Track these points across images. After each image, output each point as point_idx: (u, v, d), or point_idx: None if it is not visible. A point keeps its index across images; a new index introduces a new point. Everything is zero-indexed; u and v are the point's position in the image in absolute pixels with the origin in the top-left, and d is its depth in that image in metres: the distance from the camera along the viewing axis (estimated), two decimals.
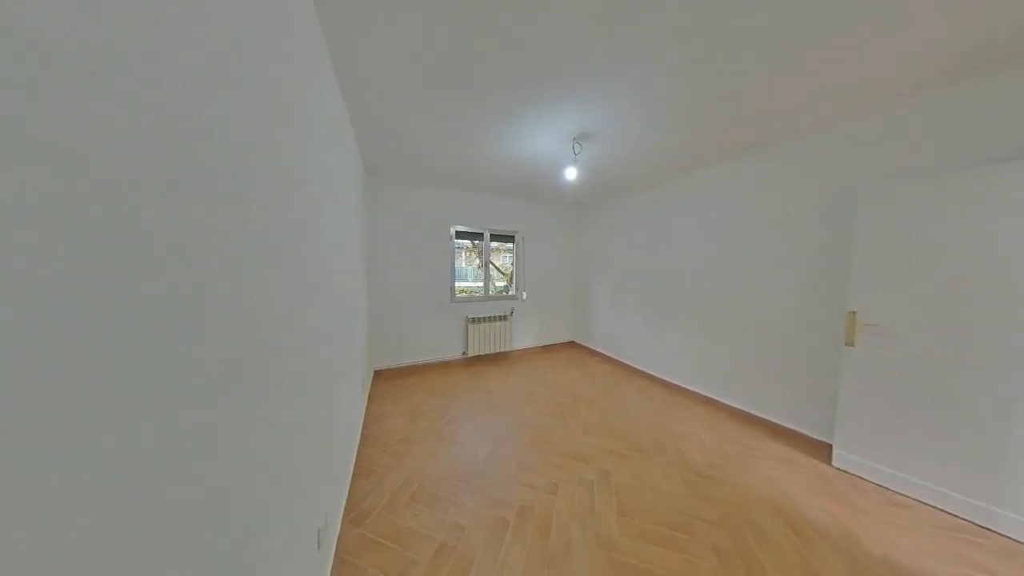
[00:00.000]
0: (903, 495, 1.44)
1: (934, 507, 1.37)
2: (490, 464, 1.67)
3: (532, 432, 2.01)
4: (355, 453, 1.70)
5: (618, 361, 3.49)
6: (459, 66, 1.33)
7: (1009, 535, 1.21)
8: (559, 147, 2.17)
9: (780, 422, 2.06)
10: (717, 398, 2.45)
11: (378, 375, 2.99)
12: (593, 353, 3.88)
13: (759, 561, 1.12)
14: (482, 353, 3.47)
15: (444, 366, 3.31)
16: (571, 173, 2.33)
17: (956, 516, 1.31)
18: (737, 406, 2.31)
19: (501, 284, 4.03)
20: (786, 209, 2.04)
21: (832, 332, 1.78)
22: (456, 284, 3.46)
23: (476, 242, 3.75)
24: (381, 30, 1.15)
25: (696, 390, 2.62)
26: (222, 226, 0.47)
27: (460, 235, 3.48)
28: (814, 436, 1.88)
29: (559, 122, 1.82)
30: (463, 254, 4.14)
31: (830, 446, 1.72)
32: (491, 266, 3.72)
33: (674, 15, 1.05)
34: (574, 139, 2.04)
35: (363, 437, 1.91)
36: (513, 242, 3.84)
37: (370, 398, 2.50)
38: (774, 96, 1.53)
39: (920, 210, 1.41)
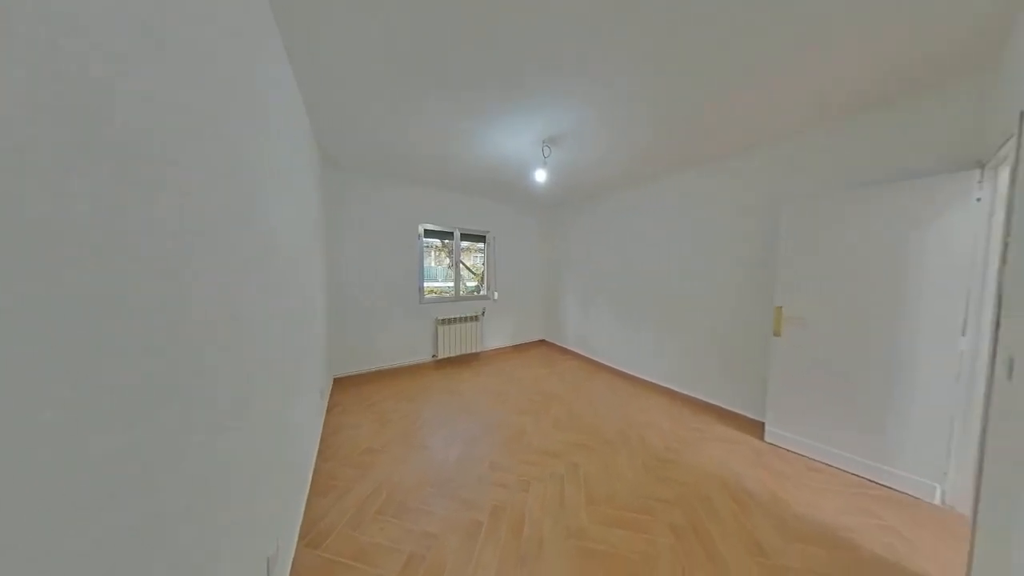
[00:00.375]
0: (819, 461, 1.70)
1: (841, 469, 1.63)
2: (462, 467, 1.64)
3: (504, 431, 2.01)
4: (312, 469, 1.57)
5: (586, 358, 3.64)
6: (427, 61, 1.30)
7: (891, 486, 1.49)
8: (529, 149, 2.21)
9: (725, 406, 2.31)
10: (674, 388, 2.68)
11: (339, 383, 2.79)
12: (563, 351, 4.00)
13: (708, 531, 1.24)
14: (453, 355, 3.41)
15: (413, 370, 3.19)
16: (540, 175, 2.39)
17: (856, 475, 1.58)
18: (691, 394, 2.55)
19: (472, 284, 3.99)
20: (730, 217, 2.30)
21: (765, 325, 2.05)
22: (425, 284, 3.35)
23: (446, 241, 3.67)
24: (339, 14, 1.08)
25: (656, 382, 2.83)
26: (142, 217, 0.41)
27: (429, 234, 3.38)
28: (751, 416, 2.14)
29: (529, 124, 1.86)
30: (432, 253, 4.02)
31: (763, 424, 1.97)
32: (462, 266, 3.66)
33: (638, 32, 1.13)
34: (543, 142, 2.10)
35: (322, 451, 1.77)
36: (484, 242, 3.83)
37: (330, 407, 2.32)
38: (722, 115, 1.72)
39: (827, 221, 1.68)
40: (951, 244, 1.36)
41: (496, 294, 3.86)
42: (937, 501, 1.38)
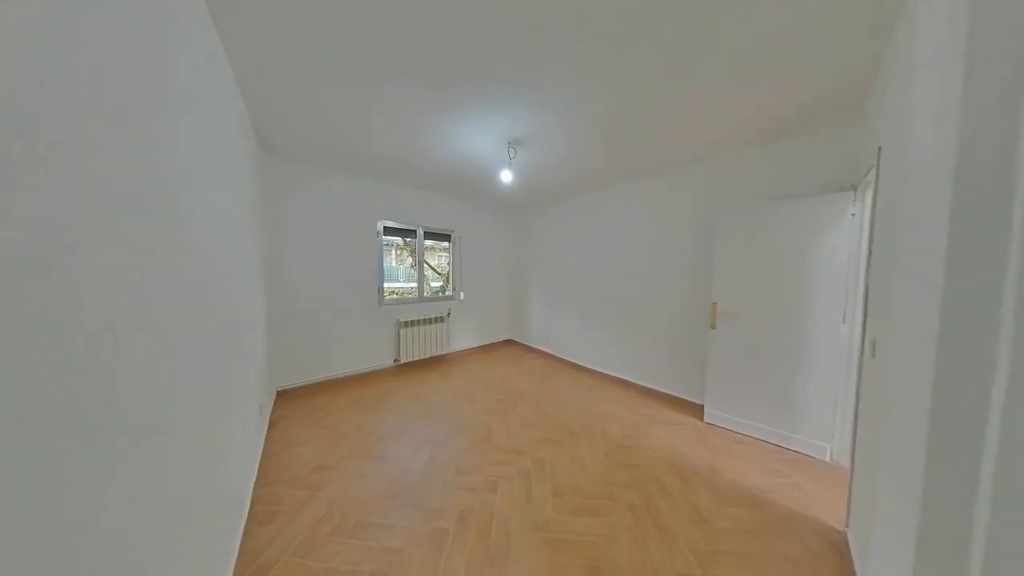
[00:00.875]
0: (744, 435, 1.99)
1: (761, 440, 1.92)
2: (427, 475, 1.58)
3: (471, 433, 1.99)
4: (249, 496, 1.38)
5: (551, 355, 3.77)
6: (391, 48, 1.22)
7: (796, 449, 1.80)
8: (495, 149, 2.21)
9: (673, 393, 2.58)
10: (630, 379, 2.90)
11: (284, 395, 2.49)
12: (529, 349, 4.09)
13: (659, 507, 1.37)
14: (417, 358, 3.27)
15: (372, 376, 2.98)
16: (506, 176, 2.40)
17: (772, 443, 1.88)
18: (644, 384, 2.79)
19: (437, 285, 3.87)
20: (676, 223, 2.56)
21: (704, 319, 2.32)
22: (385, 285, 3.16)
23: (408, 240, 3.50)
24: None
25: (615, 374, 3.04)
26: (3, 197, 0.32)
27: (389, 231, 3.19)
28: (694, 401, 2.42)
29: (496, 124, 1.85)
30: (393, 252, 3.81)
31: (703, 406, 2.23)
32: (426, 266, 3.53)
33: (592, 45, 1.20)
34: (509, 143, 2.11)
35: (262, 474, 1.56)
36: (449, 241, 3.73)
37: (273, 424, 2.06)
38: (669, 130, 1.91)
39: (751, 229, 1.96)
40: (835, 250, 1.69)
41: (462, 294, 3.79)
42: (828, 458, 1.71)
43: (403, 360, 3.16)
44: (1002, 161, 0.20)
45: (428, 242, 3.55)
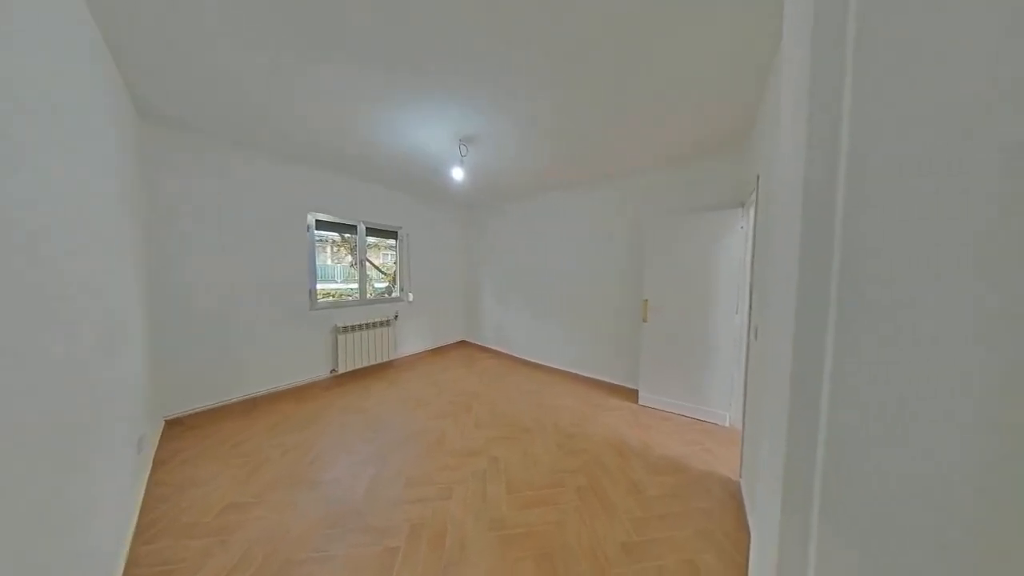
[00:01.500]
0: (669, 412, 2.32)
1: (681, 415, 2.27)
2: (372, 494, 1.45)
3: (423, 440, 1.90)
4: (124, 560, 1.08)
5: (505, 354, 3.82)
6: (320, 19, 1.07)
7: (705, 419, 2.17)
8: (446, 144, 2.13)
9: (614, 381, 2.86)
10: (578, 372, 3.12)
11: (176, 425, 2.01)
12: (483, 350, 4.07)
13: (602, 485, 1.51)
14: (360, 366, 2.97)
15: (303, 391, 2.61)
16: (458, 173, 2.34)
17: (688, 416, 2.23)
18: (590, 375, 3.03)
19: (382, 286, 3.58)
20: (614, 227, 2.83)
21: (639, 313, 2.63)
22: (319, 286, 2.79)
23: (347, 236, 3.15)
24: None
25: (564, 368, 3.23)
26: None
27: (323, 225, 2.83)
28: (630, 387, 2.72)
29: (444, 118, 1.79)
30: (328, 249, 3.39)
31: (637, 391, 2.53)
32: (368, 265, 3.22)
33: (534, 54, 1.24)
34: (461, 140, 2.06)
35: (144, 527, 1.23)
36: (396, 238, 3.48)
37: (160, 463, 1.64)
38: (605, 145, 2.09)
39: (671, 235, 2.29)
40: (730, 255, 2.09)
41: (411, 296, 3.58)
42: (727, 424, 2.10)
43: (341, 370, 2.83)
44: (828, 197, 0.28)
45: (371, 239, 3.25)
